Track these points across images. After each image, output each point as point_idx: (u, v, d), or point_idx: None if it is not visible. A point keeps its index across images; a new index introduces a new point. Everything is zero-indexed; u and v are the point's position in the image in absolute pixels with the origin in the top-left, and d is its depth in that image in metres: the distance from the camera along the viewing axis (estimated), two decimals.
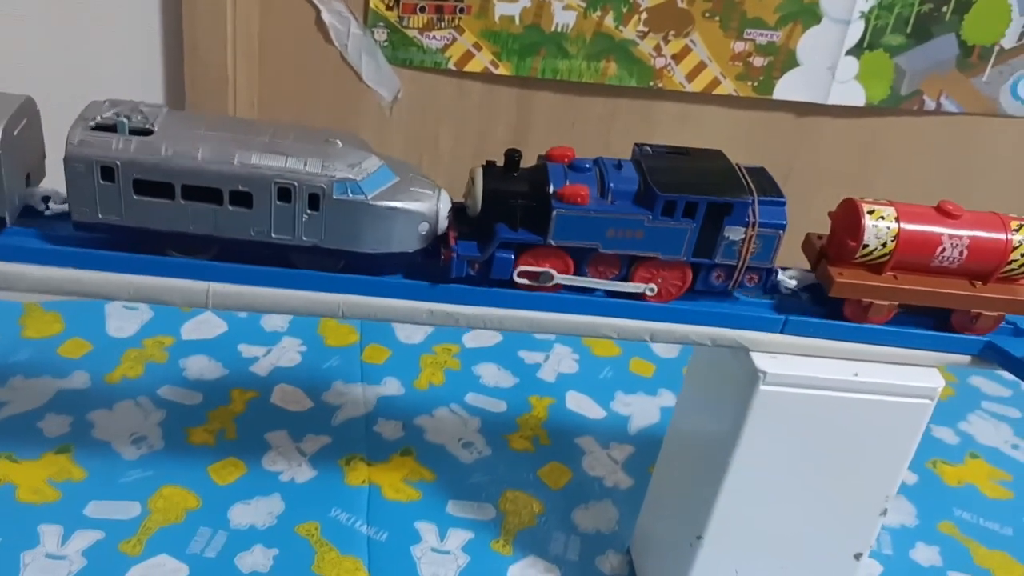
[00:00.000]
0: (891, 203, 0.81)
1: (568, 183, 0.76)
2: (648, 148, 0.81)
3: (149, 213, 0.73)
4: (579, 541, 1.08)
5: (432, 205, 0.76)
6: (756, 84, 1.38)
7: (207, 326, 1.32)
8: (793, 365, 0.82)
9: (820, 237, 0.85)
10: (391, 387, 1.27)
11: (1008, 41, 1.40)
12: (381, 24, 1.28)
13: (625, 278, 0.80)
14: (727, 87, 1.38)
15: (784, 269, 0.84)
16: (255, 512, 1.04)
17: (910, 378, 0.83)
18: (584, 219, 0.76)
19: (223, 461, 1.10)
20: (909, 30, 1.37)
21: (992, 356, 0.84)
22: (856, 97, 1.42)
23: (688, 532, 0.90)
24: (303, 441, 1.15)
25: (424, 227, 0.76)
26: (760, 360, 0.81)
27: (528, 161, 0.78)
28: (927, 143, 1.49)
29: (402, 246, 0.76)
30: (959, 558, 1.14)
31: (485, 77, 1.33)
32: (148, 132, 0.72)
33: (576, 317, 0.80)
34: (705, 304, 0.81)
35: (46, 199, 0.77)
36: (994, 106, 1.46)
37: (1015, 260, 0.81)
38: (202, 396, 1.20)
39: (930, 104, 1.44)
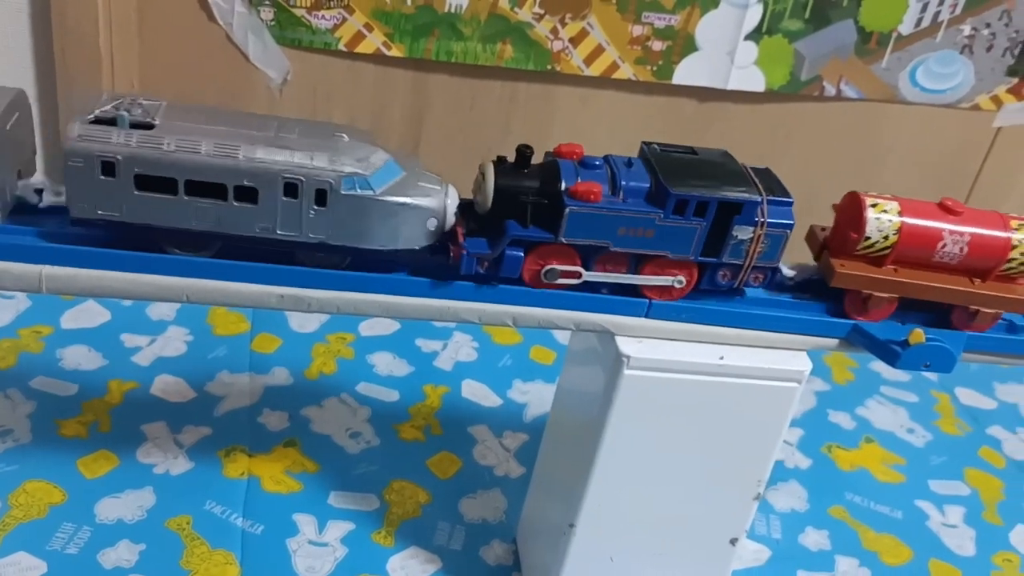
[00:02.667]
0: (894, 197, 0.81)
1: (580, 180, 0.75)
2: (656, 146, 0.81)
3: (151, 209, 0.71)
4: (464, 531, 1.06)
5: (440, 200, 0.75)
6: (655, 69, 1.37)
7: (88, 315, 1.28)
8: (658, 349, 0.80)
9: (824, 229, 0.86)
10: (279, 377, 1.23)
11: (905, 27, 1.41)
12: (267, 3, 1.25)
13: None
14: (626, 71, 1.37)
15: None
16: (124, 506, 1.00)
17: (777, 361, 0.82)
18: (596, 217, 0.75)
19: (94, 454, 1.06)
20: (807, 15, 1.37)
21: (858, 339, 0.83)
22: (756, 83, 1.41)
23: (563, 520, 0.89)
24: (182, 432, 1.11)
25: (432, 223, 0.75)
26: (624, 344, 0.80)
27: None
28: (829, 129, 1.49)
29: (409, 242, 0.75)
30: (847, 542, 1.14)
31: (378, 59, 1.30)
32: (149, 126, 0.70)
33: (435, 302, 0.78)
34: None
35: (39, 191, 0.75)
36: (893, 92, 1.47)
37: (1015, 259, 0.82)
38: (77, 387, 1.15)
39: (830, 90, 1.45)
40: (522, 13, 1.29)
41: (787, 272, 0.85)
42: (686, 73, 1.38)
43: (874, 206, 0.80)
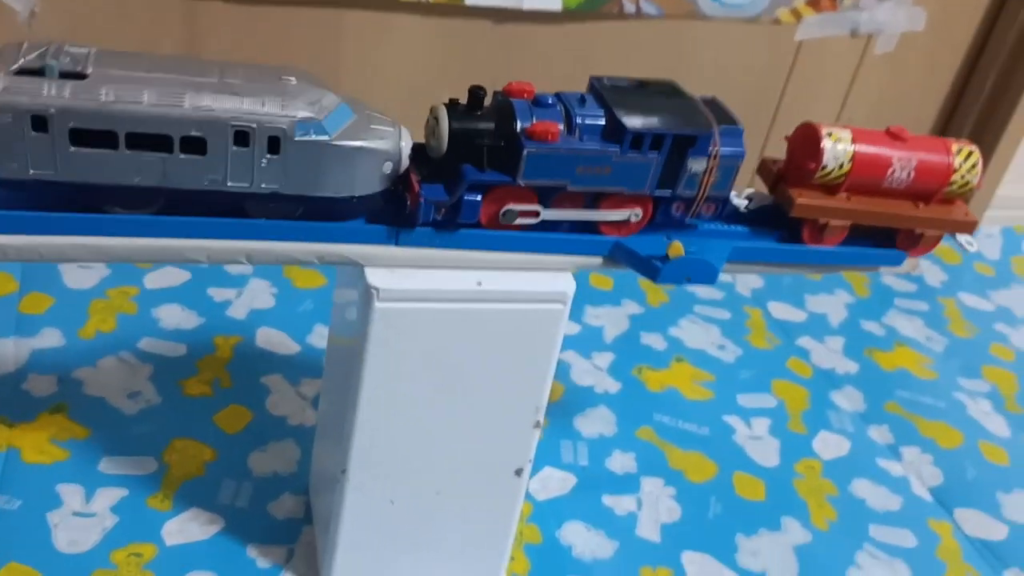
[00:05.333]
0: (847, 127, 0.83)
1: (535, 120, 0.73)
2: (606, 80, 0.79)
3: (88, 166, 0.65)
4: (252, 487, 1.00)
5: (395, 143, 0.72)
6: None
7: None
8: (411, 279, 0.75)
9: (775, 162, 0.87)
10: (50, 338, 1.14)
11: None
12: None
13: None
14: None
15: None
16: None
17: (538, 284, 0.79)
18: (555, 157, 0.74)
19: None
20: None
21: (620, 256, 0.80)
22: (553, 2, 1.36)
23: (337, 467, 0.84)
24: None
25: (388, 166, 0.72)
26: (374, 276, 0.75)
27: None
28: (633, 49, 1.46)
29: (366, 188, 0.72)
30: (654, 462, 1.14)
31: None
32: (82, 76, 0.64)
33: (158, 241, 0.70)
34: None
35: None
36: (693, 8, 1.45)
37: (955, 181, 0.85)
38: None
39: (630, 8, 1.41)
40: None
41: (738, 202, 0.86)
42: None
43: (829, 135, 0.82)
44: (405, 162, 0.73)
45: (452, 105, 0.74)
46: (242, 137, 0.67)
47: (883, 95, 1.66)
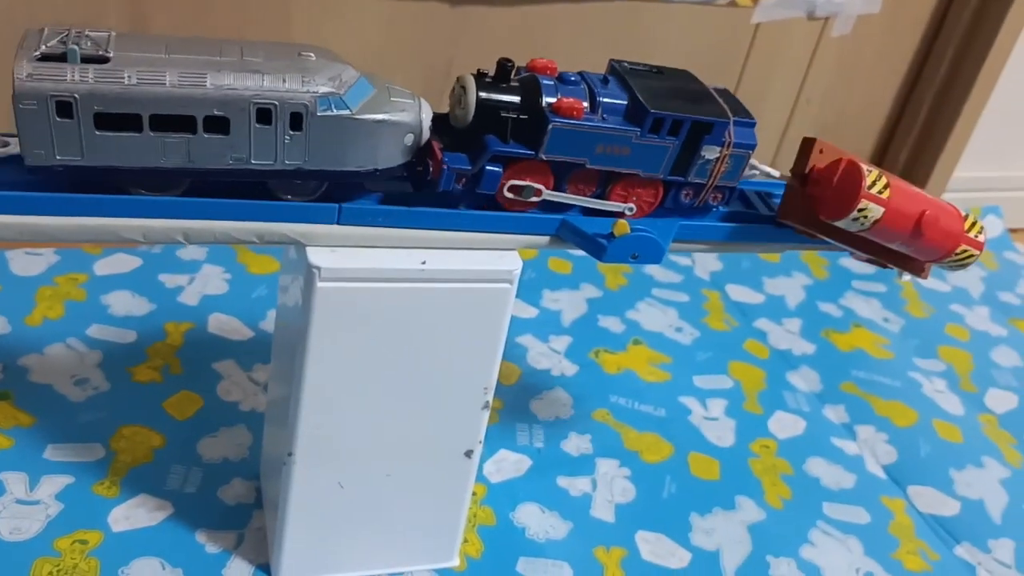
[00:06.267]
0: (889, 182, 0.80)
1: (561, 96, 0.74)
2: (626, 64, 0.81)
3: (114, 149, 0.65)
4: (202, 472, 0.99)
5: (416, 115, 0.72)
6: None
7: None
8: (354, 258, 0.74)
9: (821, 150, 0.83)
10: None
11: None
12: None
13: (602, 196, 0.79)
14: None
15: None
16: None
17: (485, 263, 0.78)
18: (578, 133, 0.74)
19: None
20: None
21: (567, 235, 0.80)
22: None
23: (284, 450, 0.83)
24: None
25: (409, 139, 0.72)
26: (316, 255, 0.74)
27: None
28: (591, 31, 1.46)
29: (388, 161, 0.72)
30: (609, 444, 1.14)
31: None
32: (104, 59, 0.64)
33: (85, 220, 0.69)
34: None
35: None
36: None
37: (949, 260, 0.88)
38: None
39: None
40: None
41: (768, 170, 0.86)
42: None
43: (871, 187, 0.78)
44: (426, 134, 0.73)
45: (480, 76, 0.75)
46: (264, 114, 0.67)
47: (841, 76, 1.67)
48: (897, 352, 1.43)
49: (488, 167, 0.74)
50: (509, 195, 0.76)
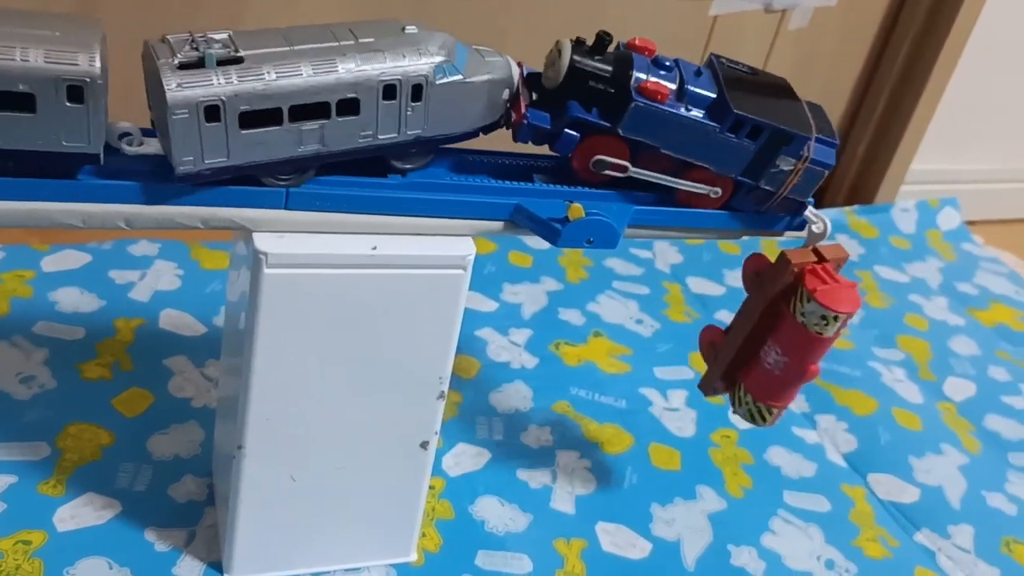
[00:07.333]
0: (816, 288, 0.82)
1: (651, 78, 0.75)
2: (725, 60, 0.81)
3: (257, 145, 0.67)
4: (152, 470, 0.96)
5: (509, 71, 0.75)
6: None
7: None
8: (302, 243, 0.73)
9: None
10: None
11: None
12: None
13: None
14: None
15: None
16: None
17: (437, 248, 0.76)
18: (658, 117, 0.75)
19: None
20: None
21: (521, 219, 0.79)
22: None
23: (234, 443, 0.81)
24: None
25: (506, 94, 0.76)
26: (262, 241, 0.72)
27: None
28: (550, 22, 1.45)
29: (490, 117, 0.76)
30: (570, 435, 1.13)
31: None
32: (238, 60, 0.66)
33: (19, 205, 0.66)
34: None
35: (125, 136, 0.69)
36: None
37: None
38: None
39: None
40: None
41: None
42: None
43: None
44: (516, 89, 0.76)
45: (578, 43, 0.76)
46: (390, 90, 0.70)
47: (799, 69, 1.68)
48: (857, 342, 1.44)
49: (567, 131, 0.75)
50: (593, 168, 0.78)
